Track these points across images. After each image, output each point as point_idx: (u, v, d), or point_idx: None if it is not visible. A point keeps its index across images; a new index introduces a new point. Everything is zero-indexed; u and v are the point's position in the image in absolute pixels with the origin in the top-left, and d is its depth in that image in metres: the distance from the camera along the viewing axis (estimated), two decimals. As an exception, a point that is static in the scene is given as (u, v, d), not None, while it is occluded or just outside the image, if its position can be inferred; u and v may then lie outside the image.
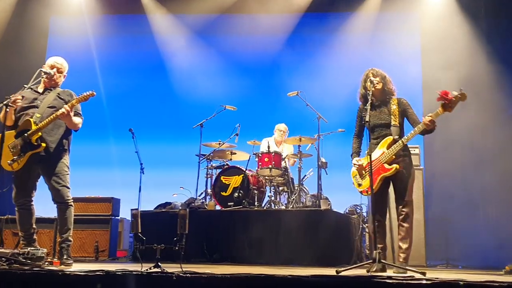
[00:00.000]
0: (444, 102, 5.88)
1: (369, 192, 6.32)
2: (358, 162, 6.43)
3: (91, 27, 13.19)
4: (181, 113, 12.82)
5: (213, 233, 8.73)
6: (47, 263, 5.95)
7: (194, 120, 10.42)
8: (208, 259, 8.48)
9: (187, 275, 4.41)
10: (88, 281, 4.43)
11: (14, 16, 12.57)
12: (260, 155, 9.75)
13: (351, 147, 6.68)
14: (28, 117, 6.33)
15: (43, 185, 6.50)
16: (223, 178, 9.75)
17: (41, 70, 6.48)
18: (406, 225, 6.18)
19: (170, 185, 10.73)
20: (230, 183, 9.62)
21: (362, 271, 5.43)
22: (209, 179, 10.25)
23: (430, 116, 5.95)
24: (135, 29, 13.40)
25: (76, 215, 6.59)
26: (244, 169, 9.64)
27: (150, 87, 13.40)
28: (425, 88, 11.81)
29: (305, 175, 10.22)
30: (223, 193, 9.63)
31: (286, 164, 10.03)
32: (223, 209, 9.33)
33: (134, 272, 4.56)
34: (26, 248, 5.80)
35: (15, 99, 6.18)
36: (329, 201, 9.14)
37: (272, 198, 9.70)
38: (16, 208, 6.44)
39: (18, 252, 5.60)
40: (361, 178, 6.44)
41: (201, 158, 10.21)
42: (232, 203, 9.32)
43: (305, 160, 10.07)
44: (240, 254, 8.41)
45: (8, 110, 6.16)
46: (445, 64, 11.26)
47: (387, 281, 4.15)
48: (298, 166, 9.78)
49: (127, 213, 10.10)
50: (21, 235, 6.48)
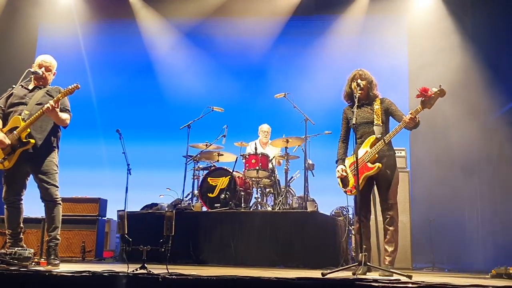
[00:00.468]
0: (424, 99, 5.89)
1: (353, 192, 6.36)
2: (342, 173, 6.45)
3: (80, 30, 13.20)
4: (169, 114, 12.84)
5: (200, 235, 8.72)
6: (34, 263, 5.94)
7: (182, 121, 10.41)
8: (195, 260, 8.47)
9: (173, 277, 4.43)
10: (75, 282, 4.44)
11: (3, 21, 12.53)
12: (247, 157, 9.75)
13: (337, 153, 6.70)
14: (17, 114, 6.34)
15: (30, 185, 6.50)
16: (210, 180, 9.75)
17: (29, 70, 6.49)
18: (392, 229, 6.20)
19: (157, 186, 10.71)
20: (217, 185, 9.63)
21: (348, 274, 5.45)
22: (196, 180, 10.25)
23: (411, 114, 5.97)
24: (122, 31, 13.42)
25: (63, 215, 6.57)
26: (231, 171, 9.64)
27: (138, 88, 13.40)
28: (412, 89, 11.85)
29: (292, 177, 10.22)
30: (210, 194, 9.64)
31: (273, 165, 10.04)
32: (210, 210, 9.32)
33: (121, 273, 4.56)
34: (13, 248, 5.79)
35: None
36: (316, 203, 9.17)
37: (259, 200, 9.70)
38: (5, 206, 6.43)
39: (5, 252, 5.59)
40: (343, 184, 6.47)
41: (188, 159, 10.21)
42: (219, 205, 9.32)
43: (292, 162, 10.08)
44: (226, 256, 8.41)
45: None
46: (432, 65, 11.29)
47: (373, 284, 4.18)
48: (285, 168, 9.78)
49: (114, 214, 10.11)
50: (8, 234, 6.46)
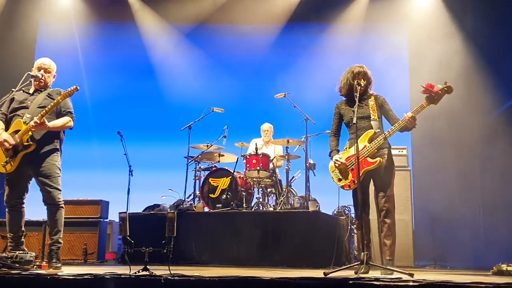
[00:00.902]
0: (430, 95, 5.90)
1: (351, 186, 6.35)
2: (340, 161, 6.43)
3: (79, 31, 13.19)
4: (169, 116, 12.84)
5: (202, 235, 8.72)
6: (36, 267, 5.94)
7: (182, 122, 10.43)
8: (197, 261, 8.46)
9: (175, 278, 4.43)
10: (77, 285, 4.44)
11: (3, 21, 12.54)
12: (248, 157, 9.76)
13: (329, 145, 6.69)
14: (19, 118, 6.35)
15: (32, 188, 6.50)
16: (211, 180, 9.76)
17: (29, 74, 6.48)
18: (388, 221, 6.16)
19: (159, 187, 10.72)
20: (218, 185, 9.64)
21: (350, 273, 5.44)
22: (198, 181, 10.26)
23: (412, 113, 5.97)
24: (123, 32, 13.43)
25: (65, 218, 6.54)
26: (232, 171, 9.65)
27: (139, 90, 13.40)
28: (413, 89, 11.87)
29: (293, 177, 10.22)
30: (211, 195, 9.65)
31: (274, 165, 10.04)
32: (212, 211, 9.33)
33: (123, 276, 4.57)
34: (15, 252, 5.79)
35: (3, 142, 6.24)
36: (318, 203, 9.16)
37: (260, 200, 9.71)
38: (7, 210, 6.42)
39: (7, 256, 5.59)
40: (342, 175, 6.45)
41: (189, 160, 10.22)
42: (220, 205, 9.32)
43: (293, 162, 10.09)
44: (229, 256, 8.41)
45: None
46: (432, 64, 11.30)
47: (375, 283, 4.18)
48: (286, 168, 9.79)
49: (116, 216, 10.09)
50: (10, 237, 6.45)
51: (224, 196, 9.39)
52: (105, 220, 9.64)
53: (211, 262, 8.39)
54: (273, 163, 10.02)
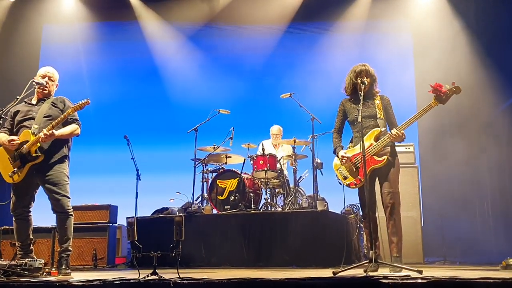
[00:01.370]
0: (438, 95, 5.91)
1: (358, 184, 6.35)
2: (347, 156, 6.43)
3: (84, 35, 13.22)
4: (175, 118, 12.86)
5: (211, 237, 8.72)
6: (45, 274, 5.95)
7: (189, 125, 10.43)
8: (207, 263, 8.47)
9: (184, 282, 4.43)
10: (86, 291, 4.45)
11: (7, 25, 12.58)
12: (255, 158, 9.75)
13: (332, 143, 6.70)
14: (27, 129, 6.36)
15: (41, 194, 6.50)
16: (219, 182, 9.75)
17: (33, 81, 6.49)
18: (395, 217, 6.16)
19: (167, 191, 10.76)
20: (226, 187, 9.63)
21: (359, 271, 5.44)
22: (205, 183, 10.25)
23: (400, 128, 6.05)
24: (127, 36, 13.45)
25: (74, 224, 6.55)
26: (240, 172, 9.65)
27: (144, 93, 13.44)
28: (419, 88, 11.86)
29: (301, 176, 10.21)
30: (220, 197, 9.64)
31: (281, 166, 10.03)
32: (220, 213, 9.33)
33: (132, 280, 4.58)
34: (24, 259, 5.80)
35: (12, 141, 6.26)
36: (326, 202, 9.15)
37: (268, 201, 9.71)
38: (14, 219, 6.43)
39: (16, 264, 5.60)
40: (348, 172, 6.45)
41: (197, 163, 10.22)
42: (229, 207, 9.32)
43: (300, 161, 10.08)
44: (238, 258, 8.42)
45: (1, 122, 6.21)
46: (437, 65, 11.27)
47: (383, 281, 4.18)
48: (294, 168, 9.79)
49: (125, 220, 10.10)
50: (18, 245, 6.46)
51: (232, 198, 9.39)
52: (114, 225, 9.66)
53: (221, 264, 8.40)
54: (281, 163, 10.01)
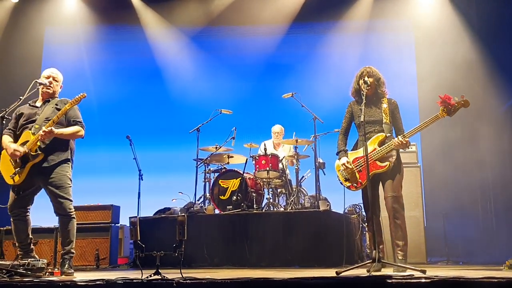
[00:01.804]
0: (446, 107, 5.91)
1: (358, 187, 6.37)
2: (348, 165, 6.44)
3: (86, 36, 13.23)
4: (178, 119, 12.86)
5: (213, 237, 8.71)
6: (48, 274, 5.94)
7: (191, 125, 10.41)
8: (209, 263, 8.47)
9: (187, 281, 4.42)
10: (89, 291, 4.44)
11: (9, 25, 12.59)
12: (257, 158, 9.74)
13: (337, 144, 6.69)
14: (28, 130, 6.37)
15: (44, 195, 6.49)
16: (221, 182, 9.73)
17: (36, 81, 6.49)
18: (399, 222, 6.16)
19: (169, 191, 10.77)
20: (228, 187, 9.62)
21: (362, 271, 5.44)
22: (207, 183, 10.24)
23: (405, 136, 6.05)
24: (129, 37, 13.47)
25: (76, 224, 6.56)
26: (242, 172, 9.64)
27: (146, 94, 13.45)
28: (421, 87, 11.86)
29: (303, 176, 10.20)
30: (222, 197, 9.62)
31: (284, 166, 10.02)
32: (222, 213, 9.32)
33: (135, 280, 4.57)
34: (27, 259, 5.79)
35: (15, 151, 6.27)
36: (328, 202, 9.16)
37: (271, 200, 9.70)
38: (12, 219, 6.41)
39: (19, 264, 5.60)
40: (349, 175, 6.45)
41: (199, 163, 10.21)
42: (231, 207, 9.30)
43: (303, 161, 10.07)
44: (241, 258, 8.41)
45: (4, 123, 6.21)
46: (439, 65, 11.27)
47: (387, 281, 4.17)
48: (296, 168, 9.78)
49: (127, 220, 10.11)
50: (18, 245, 6.47)
51: (235, 198, 9.37)
52: (116, 225, 9.67)
53: (223, 264, 8.40)
54: (283, 163, 10.00)
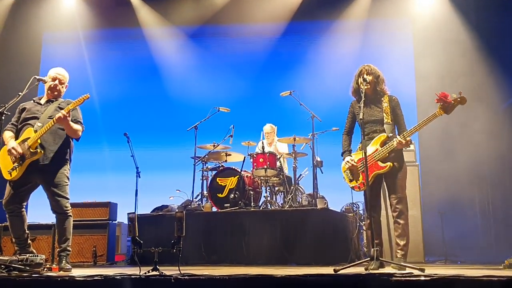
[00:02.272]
0: (443, 104, 5.91)
1: (361, 188, 6.38)
2: (352, 162, 6.44)
3: (85, 36, 13.21)
4: (175, 116, 12.83)
5: (211, 235, 8.71)
6: (46, 269, 5.94)
7: (188, 123, 10.42)
8: (207, 261, 8.46)
9: (185, 278, 4.42)
10: (87, 286, 4.43)
11: (8, 26, 12.56)
12: (255, 156, 9.73)
13: (342, 145, 6.69)
14: (30, 127, 6.37)
15: (42, 191, 6.49)
16: (219, 180, 9.73)
17: (35, 78, 6.50)
18: (402, 222, 6.19)
19: (166, 188, 10.75)
20: (226, 185, 9.61)
21: (360, 269, 5.44)
22: (205, 181, 10.24)
23: (405, 136, 6.04)
24: (128, 35, 13.47)
25: (74, 221, 6.56)
26: (240, 170, 9.63)
27: (144, 92, 13.42)
28: (419, 85, 11.87)
29: (301, 175, 10.19)
30: (219, 195, 9.61)
31: (282, 164, 10.01)
32: (220, 211, 9.31)
33: (133, 276, 4.56)
34: (25, 255, 5.79)
35: (13, 149, 6.27)
36: (326, 200, 9.15)
37: (268, 198, 9.70)
38: (7, 215, 6.41)
39: (17, 259, 5.59)
40: (354, 176, 6.46)
41: (196, 160, 10.21)
42: (228, 204, 9.30)
43: (300, 160, 10.06)
44: (238, 255, 8.40)
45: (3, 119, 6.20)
46: (438, 61, 11.27)
47: (385, 279, 4.17)
48: (293, 166, 9.77)
49: (124, 217, 10.10)
50: (15, 241, 6.48)
51: (232, 196, 9.37)
52: (114, 222, 9.65)
53: (221, 262, 8.39)
54: (281, 161, 10.00)
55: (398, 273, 4.52)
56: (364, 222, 8.86)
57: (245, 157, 9.93)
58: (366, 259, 5.60)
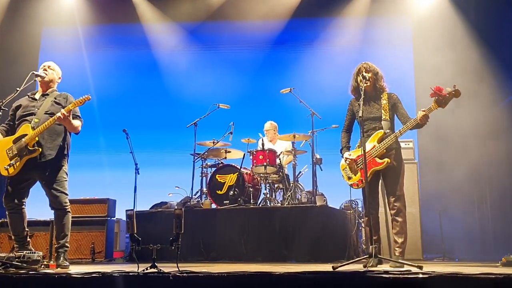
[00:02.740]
0: (438, 98, 5.92)
1: (360, 185, 6.38)
2: (350, 157, 6.45)
3: (83, 31, 13.20)
4: (175, 113, 12.84)
5: (210, 232, 8.71)
6: (44, 266, 5.92)
7: (188, 119, 10.43)
8: (205, 258, 8.47)
9: (184, 275, 4.40)
10: (85, 283, 4.42)
11: (5, 23, 12.53)
12: (254, 153, 9.73)
13: (340, 142, 6.70)
14: (27, 123, 6.35)
15: (40, 188, 6.48)
16: (218, 177, 9.73)
17: (33, 73, 6.48)
18: (400, 220, 6.21)
19: (166, 185, 10.75)
20: (225, 181, 9.61)
21: (359, 266, 5.42)
22: (204, 178, 10.24)
23: (424, 111, 5.98)
24: (127, 31, 13.46)
25: (72, 217, 6.54)
26: (239, 167, 9.63)
27: (143, 88, 13.43)
28: (418, 83, 11.86)
29: (300, 172, 10.19)
30: (219, 192, 9.62)
31: (281, 161, 10.00)
32: (219, 208, 9.31)
33: (131, 273, 4.55)
34: (22, 252, 5.78)
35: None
36: (325, 197, 9.15)
37: (268, 196, 9.70)
38: (7, 212, 6.40)
39: (14, 256, 5.58)
40: (352, 173, 6.47)
41: (196, 157, 10.20)
42: (228, 201, 9.31)
43: (300, 157, 10.06)
44: (237, 252, 8.40)
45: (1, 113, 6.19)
46: (438, 61, 11.26)
47: (384, 276, 4.16)
48: (293, 163, 9.76)
49: (123, 214, 10.09)
50: (14, 238, 6.47)
51: (231, 193, 9.37)
52: (112, 219, 9.64)
53: (219, 259, 8.40)
54: (280, 159, 9.99)
55: (396, 271, 4.52)
56: (363, 219, 8.86)
57: (245, 154, 9.92)
58: (365, 256, 5.59)
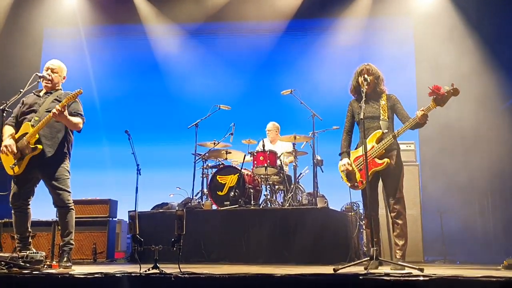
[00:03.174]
0: (436, 97, 5.93)
1: (360, 187, 6.40)
2: (347, 166, 6.45)
3: (86, 32, 13.22)
4: (176, 114, 12.86)
5: (210, 233, 8.71)
6: (46, 266, 5.95)
7: (189, 121, 10.42)
8: (206, 259, 8.47)
9: (185, 276, 4.43)
10: (88, 284, 4.45)
11: (8, 24, 12.55)
12: (255, 154, 9.73)
13: (341, 144, 6.70)
14: (27, 121, 6.37)
15: (42, 188, 6.51)
16: (219, 178, 9.73)
17: (37, 74, 6.51)
18: (400, 222, 6.22)
19: (167, 186, 10.75)
20: (226, 182, 9.61)
21: (360, 269, 5.44)
22: (205, 179, 10.24)
23: (423, 111, 5.99)
24: (129, 32, 13.49)
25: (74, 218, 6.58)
26: (240, 168, 9.64)
27: (145, 89, 13.44)
28: (419, 83, 11.87)
29: (301, 173, 10.18)
30: (219, 193, 9.61)
31: (282, 162, 10.01)
32: (220, 209, 9.32)
33: (133, 274, 4.58)
34: (25, 252, 5.80)
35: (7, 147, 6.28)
36: (326, 199, 9.13)
37: (268, 197, 9.71)
38: (13, 211, 6.45)
39: (17, 256, 5.60)
40: (349, 181, 6.48)
41: (197, 158, 10.21)
42: (228, 203, 9.30)
43: (301, 158, 10.07)
44: (238, 254, 8.40)
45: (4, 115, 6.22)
46: (439, 60, 11.27)
47: (385, 278, 4.18)
48: (294, 164, 9.77)
49: (125, 215, 10.11)
50: (17, 238, 6.50)
51: (232, 194, 9.36)
52: (114, 219, 9.65)
53: (220, 260, 8.39)
54: (281, 160, 9.99)
55: (397, 273, 4.54)
56: (364, 221, 8.87)
57: (246, 155, 9.93)
58: (366, 259, 5.60)
